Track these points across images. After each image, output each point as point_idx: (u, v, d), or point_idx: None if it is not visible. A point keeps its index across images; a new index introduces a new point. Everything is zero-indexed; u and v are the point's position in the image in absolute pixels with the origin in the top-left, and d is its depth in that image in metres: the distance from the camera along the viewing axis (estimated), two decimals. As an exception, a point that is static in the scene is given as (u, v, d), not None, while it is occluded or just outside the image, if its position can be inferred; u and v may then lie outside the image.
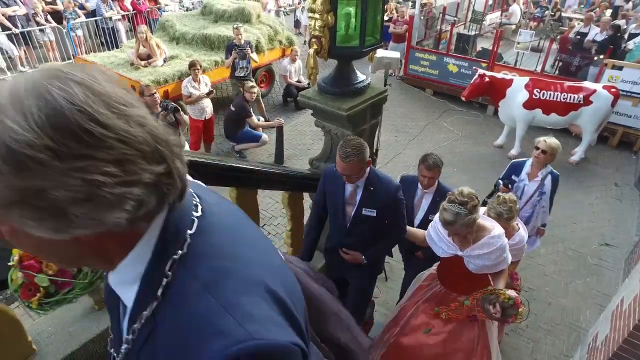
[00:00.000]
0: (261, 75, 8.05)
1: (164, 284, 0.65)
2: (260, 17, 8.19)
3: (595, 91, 6.06)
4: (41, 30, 8.98)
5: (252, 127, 6.28)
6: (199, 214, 0.71)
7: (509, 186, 3.60)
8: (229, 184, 2.10)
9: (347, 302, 2.76)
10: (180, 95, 5.99)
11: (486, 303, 2.25)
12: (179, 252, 0.66)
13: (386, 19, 9.81)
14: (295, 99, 7.48)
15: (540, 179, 3.52)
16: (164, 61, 6.77)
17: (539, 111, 6.29)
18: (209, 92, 5.93)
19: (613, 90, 6.08)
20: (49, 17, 9.19)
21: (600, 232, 5.16)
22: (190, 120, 5.91)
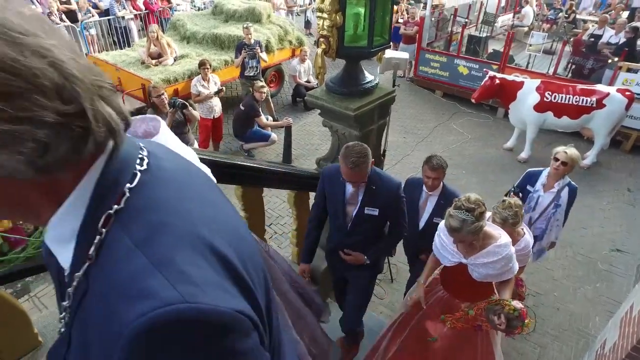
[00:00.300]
0: (271, 75, 8.09)
1: (97, 241, 0.59)
2: (270, 17, 8.23)
3: (608, 94, 5.96)
4: (55, 29, 9.12)
5: (260, 127, 6.31)
6: (143, 167, 0.65)
7: (520, 195, 3.45)
8: (233, 182, 2.11)
9: (347, 301, 2.75)
10: (190, 94, 6.03)
11: (490, 314, 2.18)
12: (115, 207, 0.60)
13: (397, 20, 9.79)
14: (304, 99, 7.50)
15: (556, 190, 3.34)
16: (175, 60, 6.83)
17: (550, 114, 6.21)
18: (218, 91, 5.96)
19: (627, 93, 5.98)
20: (63, 16, 9.34)
21: (611, 237, 5.08)
22: (200, 118, 5.96)
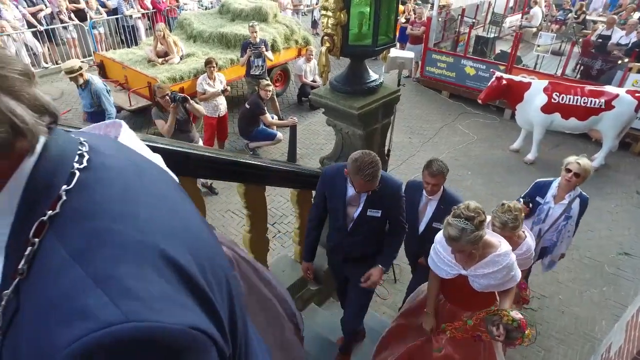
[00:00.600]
0: (276, 74, 8.09)
1: (28, 253, 0.51)
2: (276, 17, 8.23)
3: (617, 96, 5.89)
4: (64, 28, 9.23)
5: (266, 125, 6.32)
6: (83, 165, 0.57)
7: (530, 205, 3.35)
8: (236, 179, 2.10)
9: (348, 301, 2.73)
10: (196, 92, 6.05)
11: (489, 324, 2.11)
12: (49, 212, 0.52)
13: (404, 20, 9.76)
14: (310, 99, 7.49)
15: (567, 202, 3.22)
16: (181, 59, 6.86)
17: (557, 115, 6.14)
18: (223, 90, 5.97)
19: (637, 95, 5.89)
20: (72, 15, 9.43)
21: (619, 240, 5.01)
22: (204, 117, 5.97)
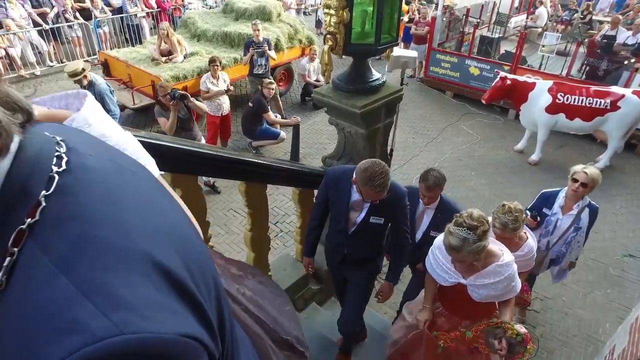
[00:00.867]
0: (280, 73, 8.09)
1: (7, 264, 0.48)
2: (280, 16, 8.23)
3: (623, 96, 5.84)
4: (69, 27, 9.28)
5: (269, 124, 6.32)
6: (62, 168, 0.53)
7: (537, 218, 3.24)
8: (237, 178, 2.10)
9: (346, 302, 2.72)
10: (199, 91, 6.06)
11: (491, 337, 2.02)
12: (28, 220, 0.49)
13: (407, 19, 9.73)
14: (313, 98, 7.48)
15: (576, 212, 3.12)
16: (185, 57, 6.87)
17: (562, 116, 6.09)
18: (226, 90, 5.97)
19: (643, 95, 5.85)
20: (77, 14, 9.48)
21: (623, 242, 4.97)
22: (207, 116, 5.98)
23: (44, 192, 0.51)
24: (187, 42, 7.37)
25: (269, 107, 6.14)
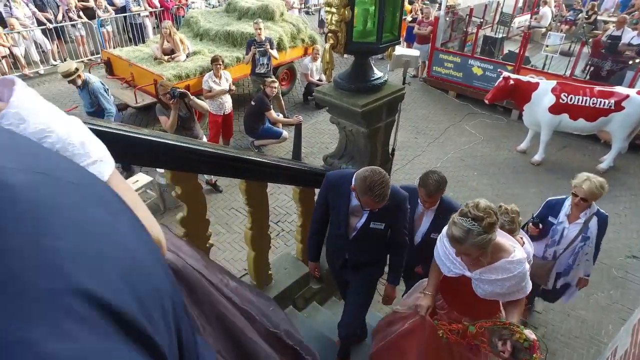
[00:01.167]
0: (283, 73, 8.09)
1: None
2: (283, 15, 8.23)
3: (628, 96, 5.80)
4: (73, 26, 9.31)
5: (271, 123, 6.31)
6: None
7: (540, 225, 3.14)
8: (236, 176, 2.09)
9: (346, 304, 2.70)
10: (201, 90, 6.07)
11: (495, 337, 1.87)
12: None
13: (410, 19, 9.70)
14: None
15: (583, 221, 2.99)
16: (187, 56, 6.88)
17: (565, 116, 6.06)
18: (229, 88, 5.97)
19: (648, 96, 5.81)
20: (80, 13, 9.51)
21: (627, 243, 4.93)
22: (210, 115, 5.98)
23: None
24: (190, 41, 7.38)
25: (271, 106, 6.14)
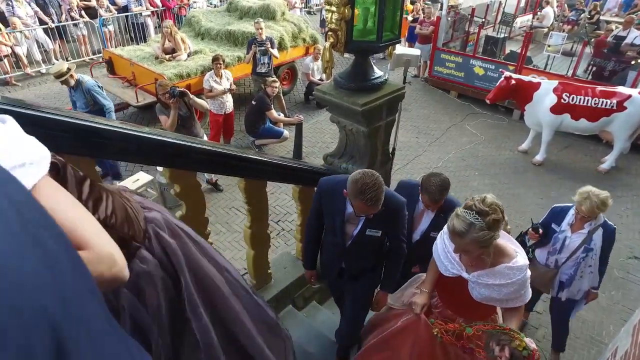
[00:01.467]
0: (284, 72, 8.09)
1: None
2: (284, 15, 8.22)
3: (630, 96, 5.77)
4: (75, 25, 9.33)
5: (272, 123, 6.31)
6: None
7: (539, 231, 3.04)
8: (234, 174, 2.09)
9: (344, 314, 2.66)
10: (202, 89, 6.07)
11: (493, 341, 1.78)
12: None
13: (412, 19, 9.69)
14: (316, 97, 7.47)
15: (586, 231, 2.86)
16: (188, 56, 6.88)
17: (567, 116, 6.04)
18: (230, 87, 5.96)
19: (650, 96, 5.78)
20: (82, 12, 9.53)
21: (628, 244, 4.91)
22: (210, 114, 5.99)
23: None
24: (191, 40, 7.38)
25: (272, 105, 6.13)
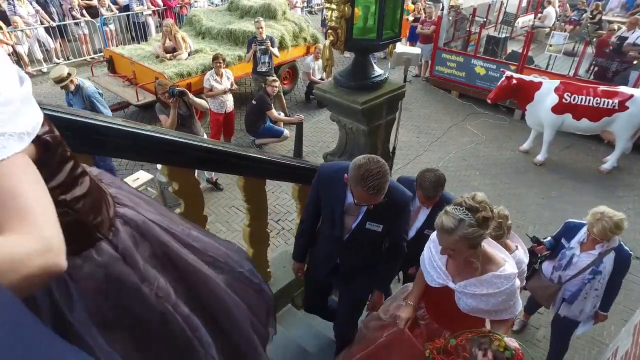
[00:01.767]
0: (285, 72, 8.08)
1: None
2: (285, 14, 8.22)
3: (632, 96, 5.75)
4: (76, 24, 9.34)
5: (272, 122, 6.31)
6: None
7: (540, 242, 2.95)
8: (232, 172, 2.08)
9: (339, 313, 2.59)
10: (202, 88, 6.06)
11: (475, 346, 1.69)
12: None
13: (413, 18, 9.67)
14: (317, 97, 7.46)
15: (597, 253, 2.68)
16: (189, 55, 6.88)
17: (568, 116, 6.02)
18: (230, 86, 5.95)
19: (652, 96, 5.75)
20: (84, 11, 9.54)
21: (630, 245, 4.80)
22: (211, 113, 5.98)
23: None
24: (192, 39, 7.38)
25: (272, 104, 6.13)
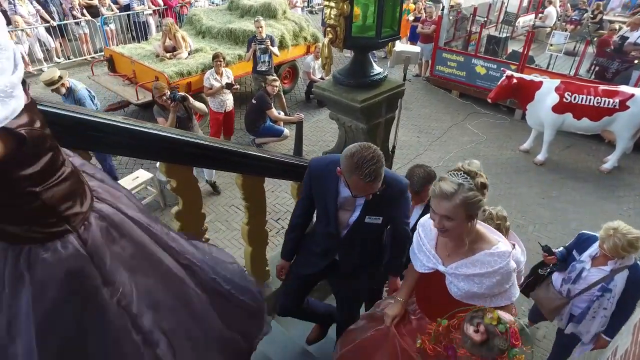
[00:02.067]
0: (285, 71, 8.08)
1: None
2: (285, 13, 8.21)
3: (633, 95, 5.73)
4: (77, 24, 9.35)
5: (272, 121, 6.30)
6: None
7: (552, 252, 2.85)
8: (232, 170, 2.08)
9: (339, 309, 2.52)
10: (202, 87, 6.06)
11: (467, 323, 1.57)
12: None
13: (413, 18, 9.67)
14: (317, 96, 7.46)
15: (609, 269, 2.52)
16: (189, 54, 6.87)
17: (569, 115, 6.00)
18: (230, 84, 5.95)
19: (653, 95, 5.74)
20: (84, 10, 9.55)
21: (630, 244, 4.87)
22: (211, 112, 5.98)
23: None
24: (192, 38, 7.37)
25: (272, 104, 6.12)
